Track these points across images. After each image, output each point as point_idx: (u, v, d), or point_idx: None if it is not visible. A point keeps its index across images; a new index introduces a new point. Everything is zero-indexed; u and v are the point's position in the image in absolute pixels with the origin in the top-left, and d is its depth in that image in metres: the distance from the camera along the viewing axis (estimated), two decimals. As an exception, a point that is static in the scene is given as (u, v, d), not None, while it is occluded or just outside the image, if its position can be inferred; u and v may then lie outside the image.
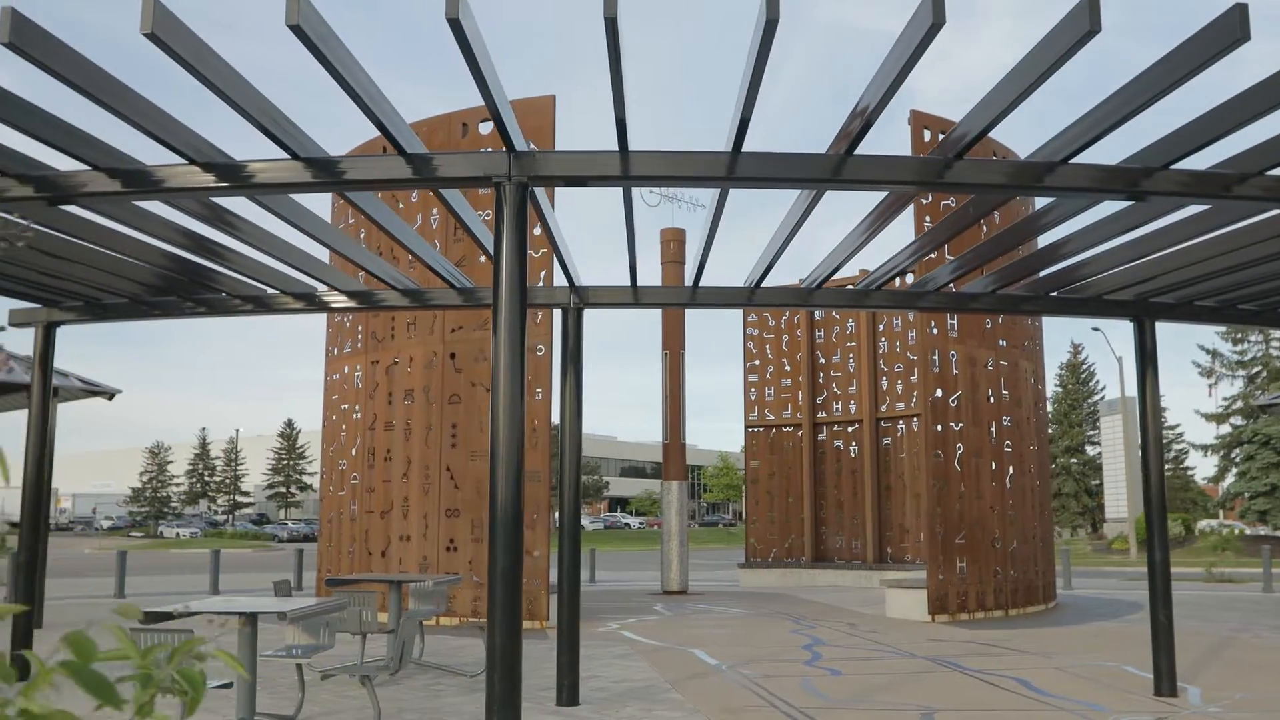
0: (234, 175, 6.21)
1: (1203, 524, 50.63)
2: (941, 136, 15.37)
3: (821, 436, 25.17)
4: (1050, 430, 62.24)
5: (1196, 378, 54.53)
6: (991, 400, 16.07)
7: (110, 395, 14.66)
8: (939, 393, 15.35)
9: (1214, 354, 51.31)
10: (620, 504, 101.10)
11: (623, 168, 6.15)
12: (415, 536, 14.95)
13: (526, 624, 14.02)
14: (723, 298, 9.58)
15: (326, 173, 6.24)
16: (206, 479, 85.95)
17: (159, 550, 52.11)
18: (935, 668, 10.65)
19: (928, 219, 15.36)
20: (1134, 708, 8.56)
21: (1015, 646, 12.15)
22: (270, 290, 9.56)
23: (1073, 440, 60.40)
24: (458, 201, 7.19)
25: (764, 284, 9.02)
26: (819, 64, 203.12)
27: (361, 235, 15.49)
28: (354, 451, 16.16)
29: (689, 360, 21.43)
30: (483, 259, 14.28)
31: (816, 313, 25.35)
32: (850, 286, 11.69)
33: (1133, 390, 53.43)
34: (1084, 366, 62.28)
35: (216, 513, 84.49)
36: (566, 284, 9.01)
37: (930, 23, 4.59)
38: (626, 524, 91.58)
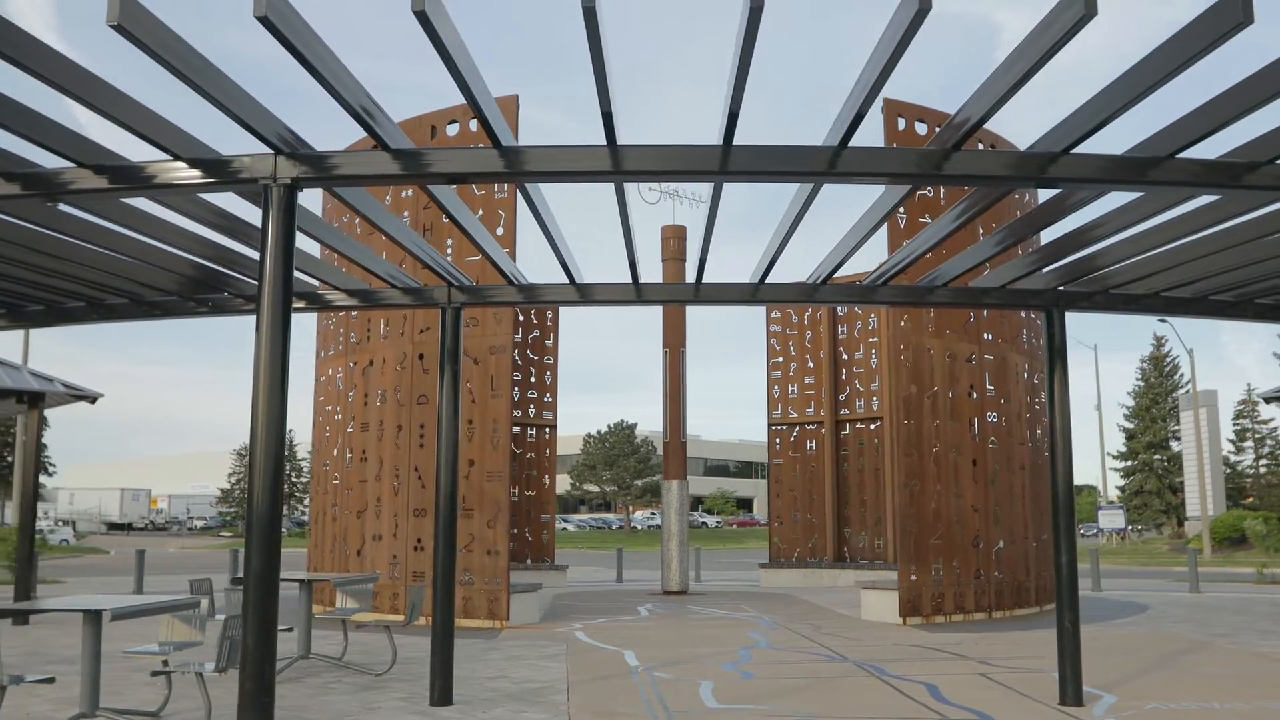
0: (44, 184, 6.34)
1: None
2: (920, 124, 14.95)
3: (845, 434, 24.71)
4: (1131, 425, 60.17)
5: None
6: (974, 396, 15.52)
7: (92, 399, 15.20)
8: (913, 388, 14.89)
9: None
10: (699, 502, 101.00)
11: (402, 167, 6.11)
12: (386, 536, 15.12)
13: (486, 623, 14.08)
14: (614, 294, 9.45)
15: (125, 179, 6.33)
16: (294, 480, 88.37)
17: (232, 549, 53.81)
18: (855, 672, 10.33)
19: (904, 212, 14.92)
20: (1026, 718, 8.16)
21: (961, 651, 11.70)
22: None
23: (1155, 436, 58.00)
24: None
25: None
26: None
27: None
28: (335, 452, 16.44)
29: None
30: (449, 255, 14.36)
31: (839, 308, 24.89)
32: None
33: (1204, 384, 50.82)
34: (1167, 359, 59.76)
35: (303, 513, 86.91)
36: (444, 283, 8.99)
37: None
38: (704, 523, 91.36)
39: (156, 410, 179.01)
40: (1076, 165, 5.86)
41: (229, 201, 8.31)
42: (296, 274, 9.17)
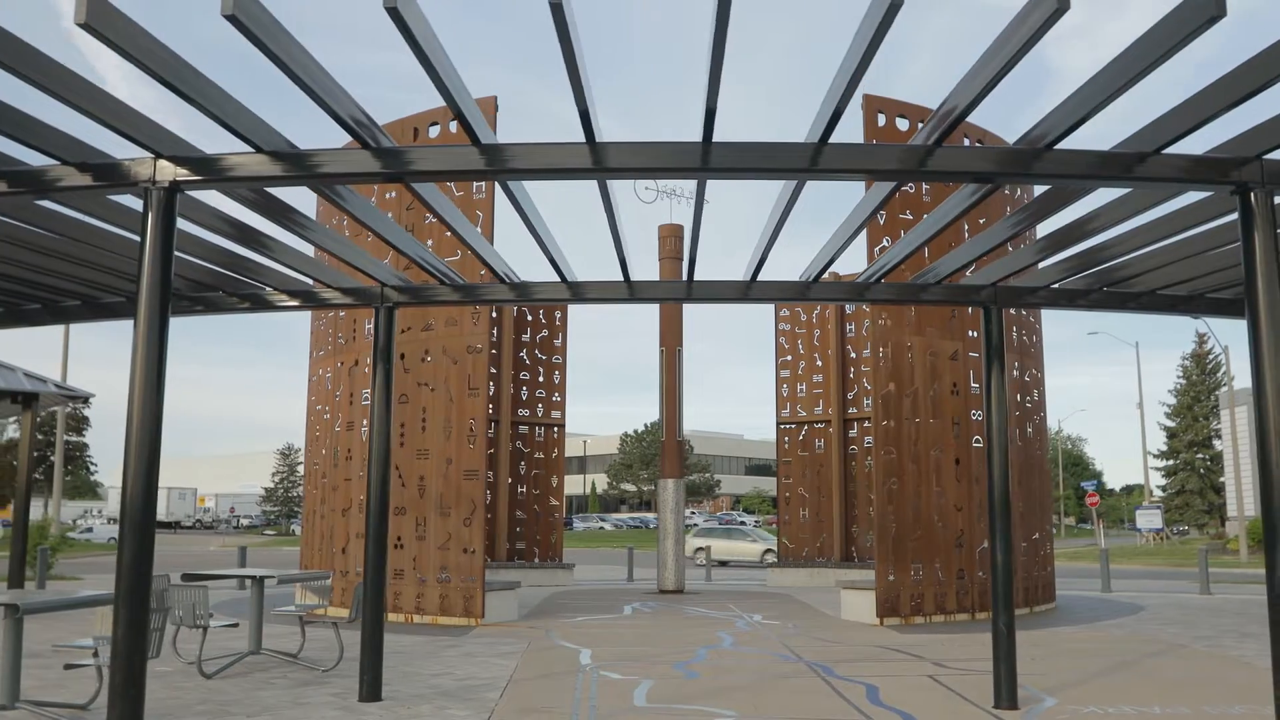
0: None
1: None
2: (901, 120, 14.77)
3: (852, 433, 24.50)
4: (1172, 424, 58.93)
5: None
6: (957, 393, 15.31)
7: (85, 399, 15.55)
8: (891, 386, 14.73)
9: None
10: (737, 501, 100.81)
11: (284, 169, 6.18)
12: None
13: (461, 621, 14.18)
14: (551, 292, 9.47)
15: (22, 183, 6.48)
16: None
17: (275, 548, 54.82)
18: (803, 673, 10.26)
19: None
20: (952, 720, 8.06)
21: (921, 652, 11.56)
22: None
23: (1197, 434, 56.75)
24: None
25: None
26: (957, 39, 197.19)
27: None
28: (324, 451, 16.65)
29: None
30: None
31: (848, 306, 24.69)
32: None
33: (1241, 382, 49.67)
34: (1210, 357, 58.42)
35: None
36: (377, 282, 9.08)
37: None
38: (743, 522, 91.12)
39: (208, 409, 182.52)
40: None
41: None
42: (240, 277, 9.34)
